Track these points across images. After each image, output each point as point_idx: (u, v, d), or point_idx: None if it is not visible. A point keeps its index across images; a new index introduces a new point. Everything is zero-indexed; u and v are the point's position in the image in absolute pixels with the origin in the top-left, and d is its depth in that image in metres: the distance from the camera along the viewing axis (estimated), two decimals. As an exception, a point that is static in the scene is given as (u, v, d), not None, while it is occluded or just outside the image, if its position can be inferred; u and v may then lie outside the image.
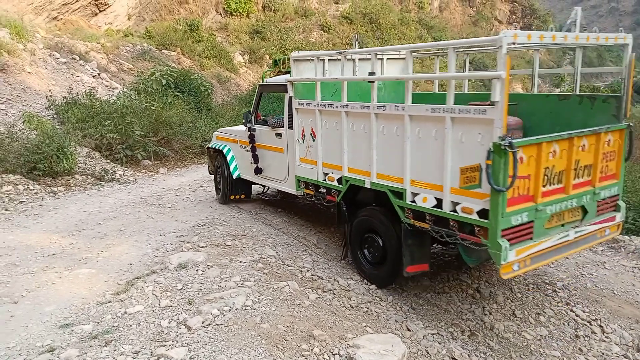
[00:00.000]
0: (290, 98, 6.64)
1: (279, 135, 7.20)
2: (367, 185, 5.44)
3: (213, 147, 9.12)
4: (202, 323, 4.04)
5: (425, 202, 4.75)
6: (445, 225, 4.61)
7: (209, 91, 19.69)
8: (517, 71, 7.75)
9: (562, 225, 4.74)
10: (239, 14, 34.47)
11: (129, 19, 27.89)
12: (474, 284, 5.71)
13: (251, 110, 7.88)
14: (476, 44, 4.53)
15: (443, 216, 4.59)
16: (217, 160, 8.94)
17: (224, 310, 4.26)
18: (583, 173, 4.86)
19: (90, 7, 25.18)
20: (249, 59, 29.20)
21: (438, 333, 4.79)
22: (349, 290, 5.38)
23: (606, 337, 4.87)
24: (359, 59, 6.56)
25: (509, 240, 4.18)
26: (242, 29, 32.91)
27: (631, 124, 5.17)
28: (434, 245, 5.88)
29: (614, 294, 5.67)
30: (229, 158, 8.50)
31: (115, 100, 14.53)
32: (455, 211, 4.46)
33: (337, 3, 43.67)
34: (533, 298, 5.47)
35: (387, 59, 7.28)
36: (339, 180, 5.89)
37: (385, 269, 5.53)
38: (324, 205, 6.80)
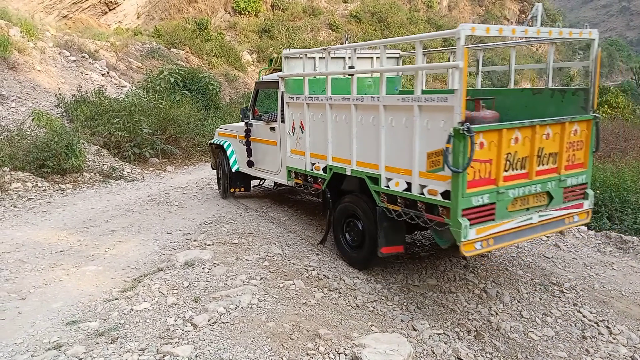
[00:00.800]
0: (282, 93, 7.02)
1: (272, 129, 7.56)
2: (348, 173, 5.79)
3: (215, 142, 9.50)
4: (208, 321, 4.05)
5: (397, 186, 5.08)
6: (415, 208, 4.92)
7: (217, 90, 19.73)
8: (491, 68, 8.59)
9: (527, 209, 4.98)
10: (247, 12, 34.52)
11: (138, 17, 28.00)
12: (481, 283, 5.69)
13: (248, 107, 8.29)
14: (443, 36, 4.90)
15: (412, 198, 4.92)
16: (219, 155, 9.26)
17: (230, 308, 4.27)
18: (548, 160, 5.11)
19: (100, 5, 25.32)
20: (257, 57, 29.24)
21: (444, 333, 4.78)
22: (354, 290, 5.38)
23: (613, 339, 4.83)
24: (349, 57, 6.69)
25: (470, 220, 4.46)
26: (251, 28, 32.95)
27: (598, 116, 5.44)
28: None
29: (622, 295, 5.63)
30: (228, 152, 8.85)
31: (123, 98, 14.60)
32: (422, 194, 4.79)
33: (345, 2, 43.60)
34: (540, 299, 5.44)
35: (377, 57, 7.55)
36: (324, 169, 6.24)
37: (364, 252, 5.86)
38: (312, 194, 7.17)
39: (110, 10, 26.00)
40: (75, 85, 15.27)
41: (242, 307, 4.30)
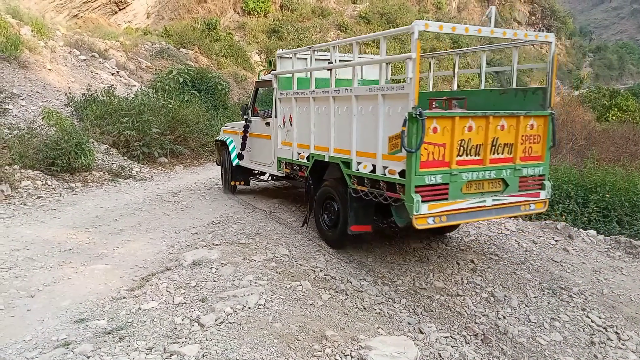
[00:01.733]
0: (275, 90, 7.70)
1: (267, 124, 8.22)
2: (326, 159, 6.38)
3: (219, 139, 10.10)
4: (215, 321, 4.05)
5: (365, 168, 5.66)
6: (378, 187, 5.47)
7: (226, 90, 19.78)
8: (465, 71, 9.41)
9: (482, 193, 5.49)
10: (256, 13, 34.59)
11: (148, 17, 28.14)
12: (488, 287, 5.66)
13: (249, 105, 9.02)
14: (402, 32, 5.38)
15: (376, 179, 5.48)
16: (223, 151, 9.85)
17: (237, 308, 4.27)
18: (503, 150, 5.61)
19: (110, 5, 25.47)
20: (265, 58, 29.29)
21: (451, 336, 4.76)
22: (361, 291, 5.37)
23: (622, 344, 4.79)
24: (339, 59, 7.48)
25: (423, 196, 5.00)
26: (260, 28, 33.01)
27: (554, 112, 5.91)
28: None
29: (631, 300, 5.59)
30: (230, 148, 9.43)
31: (133, 97, 14.67)
32: (384, 174, 5.34)
33: (354, 3, 43.59)
34: (548, 303, 5.41)
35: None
36: (307, 158, 6.84)
37: (338, 231, 6.45)
38: (297, 181, 7.91)
39: (120, 9, 26.15)
40: (85, 85, 15.36)
41: (249, 308, 4.31)
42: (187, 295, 4.62)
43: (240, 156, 9.07)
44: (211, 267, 5.24)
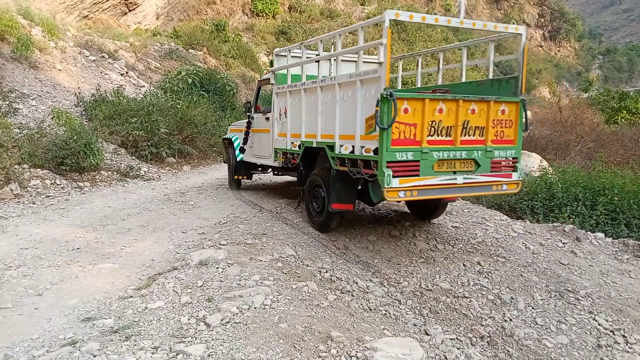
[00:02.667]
0: (273, 85, 8.28)
1: (267, 119, 8.76)
2: (315, 145, 6.86)
3: (226, 137, 10.73)
4: (221, 320, 4.06)
5: (346, 150, 6.12)
6: (356, 166, 5.96)
7: (234, 91, 19.85)
8: (449, 66, 9.32)
9: (454, 172, 5.93)
10: (265, 14, 34.67)
11: (157, 18, 28.28)
12: (495, 289, 5.64)
13: (251, 102, 9.63)
14: (370, 24, 6.19)
15: (355, 158, 5.98)
16: (229, 149, 10.41)
17: (243, 308, 4.28)
18: (474, 132, 6.03)
19: (120, 6, 25.62)
20: (272, 59, 29.33)
21: (457, 338, 4.75)
22: (367, 292, 5.37)
23: (630, 348, 4.76)
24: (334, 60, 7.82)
25: (394, 171, 5.45)
26: (268, 30, 33.09)
27: (524, 99, 6.33)
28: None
29: (639, 303, 5.54)
30: (235, 144, 10.03)
31: (142, 98, 14.77)
32: (362, 153, 5.83)
33: (363, 5, 43.61)
34: (555, 305, 5.38)
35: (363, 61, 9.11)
36: (299, 146, 7.33)
37: (324, 215, 6.98)
38: (290, 170, 8.53)
39: (130, 10, 26.31)
40: (95, 85, 15.47)
41: (255, 308, 4.32)
42: (193, 294, 4.64)
43: (242, 150, 9.67)
44: (218, 267, 5.25)
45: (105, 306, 4.58)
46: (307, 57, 7.53)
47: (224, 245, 6.11)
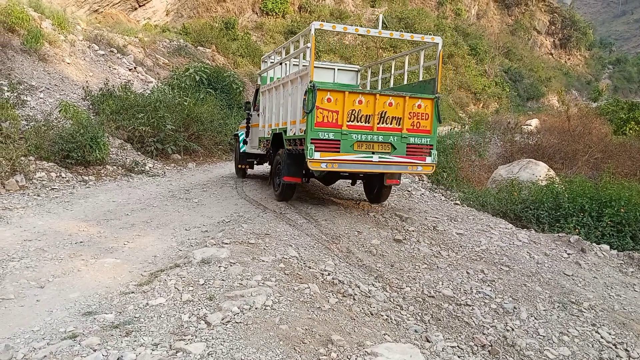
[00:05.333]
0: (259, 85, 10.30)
1: (259, 115, 10.32)
2: (277, 131, 8.54)
3: (235, 133, 12.69)
4: (222, 320, 4.05)
5: (292, 133, 7.79)
6: (297, 144, 7.59)
7: (241, 89, 19.85)
8: (400, 71, 10.07)
9: (373, 152, 7.39)
10: (274, 14, 34.69)
11: (167, 14, 28.33)
12: (498, 298, 5.61)
13: (251, 102, 11.49)
14: (301, 35, 8.03)
15: (295, 138, 7.65)
16: (236, 143, 12.06)
17: (244, 308, 4.26)
18: (391, 121, 7.45)
19: (130, 1, 25.69)
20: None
21: (458, 346, 4.72)
22: (369, 297, 5.34)
23: (632, 362, 4.72)
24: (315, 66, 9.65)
25: (317, 146, 7.07)
26: (277, 29, 33.10)
27: (439, 96, 7.71)
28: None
29: (643, 317, 5.50)
30: (240, 138, 11.73)
31: (149, 94, 14.79)
32: (299, 134, 7.46)
33: (373, 7, 43.57)
34: (558, 316, 5.34)
35: (338, 69, 11.26)
36: (270, 133, 9.11)
37: (280, 186, 8.66)
38: (266, 154, 10.05)
39: (140, 6, 26.37)
40: (103, 79, 15.51)
41: (256, 308, 4.30)
42: (194, 292, 4.62)
43: (245, 142, 11.38)
44: (220, 266, 5.24)
45: (107, 301, 4.57)
46: (271, 62, 9.77)
47: (226, 244, 6.09)
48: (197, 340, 3.73)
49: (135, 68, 19.12)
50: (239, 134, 11.86)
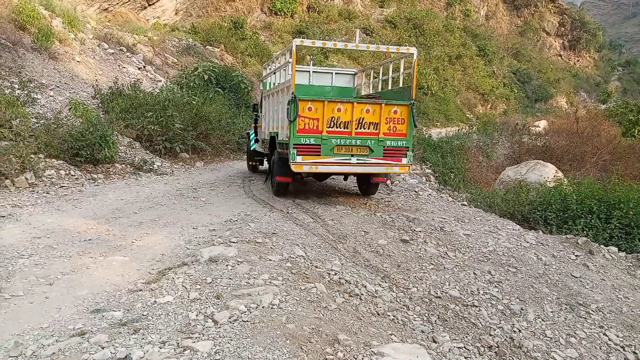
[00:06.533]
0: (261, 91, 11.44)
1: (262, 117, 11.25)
2: (272, 134, 9.38)
3: (247, 132, 13.67)
4: (229, 318, 4.07)
5: (281, 137, 8.65)
6: (285, 148, 8.32)
7: (249, 88, 19.88)
8: (384, 77, 10.93)
9: (352, 154, 8.17)
10: (283, 13, 34.71)
11: (176, 14, 28.43)
12: (505, 299, 5.59)
13: (258, 104, 12.17)
14: (286, 51, 9.10)
15: (283, 142, 8.50)
16: (248, 141, 12.97)
17: (251, 307, 4.28)
18: (369, 126, 8.17)
19: (139, 0, 25.79)
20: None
21: (464, 347, 4.71)
22: (376, 297, 5.34)
23: (640, 365, 4.69)
24: (314, 71, 11.51)
25: (299, 151, 7.90)
26: (286, 29, 33.12)
27: (413, 103, 8.37)
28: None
29: (651, 320, 5.46)
30: (250, 137, 12.56)
31: (158, 92, 14.84)
32: (285, 139, 8.27)
33: (381, 7, 43.51)
34: (565, 318, 5.32)
35: (335, 73, 12.12)
36: (268, 136, 9.96)
37: (275, 184, 9.43)
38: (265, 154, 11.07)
39: (149, 5, 26.47)
40: (112, 78, 15.58)
41: (263, 307, 4.32)
42: (202, 291, 4.65)
43: (256, 141, 12.03)
44: (227, 265, 5.26)
45: (115, 298, 4.60)
46: (269, 70, 10.62)
47: (234, 242, 6.12)
48: (205, 339, 3.75)
49: (144, 67, 19.20)
50: (250, 133, 12.61)
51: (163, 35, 23.49)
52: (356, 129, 8.07)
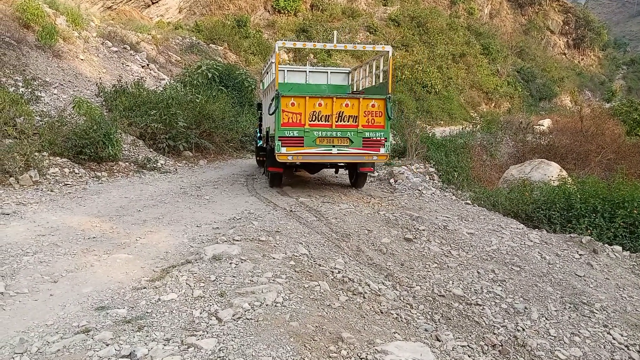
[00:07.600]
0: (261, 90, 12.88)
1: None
2: (268, 129, 10.03)
3: (255, 129, 14.10)
4: (233, 316, 4.07)
5: (271, 131, 9.31)
6: (272, 141, 8.88)
7: (252, 87, 19.88)
8: (368, 77, 11.70)
9: (333, 145, 8.88)
10: (287, 12, 34.69)
11: (180, 12, 28.44)
12: (509, 298, 5.58)
13: (261, 103, 12.87)
14: (272, 52, 10.49)
15: (272, 136, 9.10)
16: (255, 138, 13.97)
17: (255, 305, 4.29)
18: (348, 119, 8.91)
19: (143, -2, 25.79)
20: (293, 57, 29.36)
21: (468, 345, 4.70)
22: (379, 295, 5.34)
23: (644, 364, 4.68)
24: (310, 71, 12.81)
25: (283, 142, 8.61)
26: (289, 27, 33.12)
27: (389, 97, 9.08)
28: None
29: (656, 320, 5.45)
30: (257, 134, 13.10)
31: (161, 91, 14.86)
32: (272, 132, 9.05)
33: (385, 5, 43.42)
34: (569, 317, 5.31)
35: (330, 72, 13.18)
36: (265, 131, 10.79)
37: (270, 175, 10.18)
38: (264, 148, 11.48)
39: (153, 3, 26.48)
40: (116, 76, 15.60)
41: (266, 305, 4.32)
42: (206, 289, 4.65)
43: (260, 137, 12.53)
44: (231, 263, 5.27)
45: (119, 296, 4.61)
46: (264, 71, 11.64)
47: (237, 241, 6.12)
48: (209, 336, 3.75)
49: (148, 65, 19.22)
50: (257, 130, 13.38)
51: (166, 33, 23.51)
52: (336, 121, 8.79)
